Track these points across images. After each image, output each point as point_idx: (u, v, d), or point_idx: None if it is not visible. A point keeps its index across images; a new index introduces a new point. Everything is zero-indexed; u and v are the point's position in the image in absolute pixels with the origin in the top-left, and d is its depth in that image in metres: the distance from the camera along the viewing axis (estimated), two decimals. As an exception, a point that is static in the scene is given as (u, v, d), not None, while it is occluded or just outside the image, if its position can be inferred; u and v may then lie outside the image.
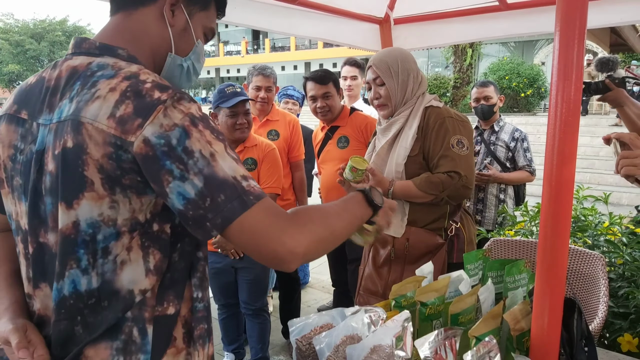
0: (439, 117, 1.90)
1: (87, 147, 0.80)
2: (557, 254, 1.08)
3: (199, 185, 0.78)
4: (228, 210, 0.79)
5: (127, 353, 0.85)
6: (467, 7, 2.85)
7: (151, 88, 0.81)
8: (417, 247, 1.91)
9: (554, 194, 1.07)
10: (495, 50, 18.49)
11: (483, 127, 3.37)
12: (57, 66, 0.92)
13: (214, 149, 0.81)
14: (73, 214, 0.82)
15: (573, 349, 1.16)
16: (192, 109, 0.82)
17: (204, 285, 0.96)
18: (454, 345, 1.09)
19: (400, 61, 1.95)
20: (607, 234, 2.43)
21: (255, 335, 2.81)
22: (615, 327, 2.04)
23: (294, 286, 3.36)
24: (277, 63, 30.84)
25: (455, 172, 1.82)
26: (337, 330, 1.05)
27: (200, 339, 0.94)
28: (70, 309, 0.85)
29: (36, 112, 0.90)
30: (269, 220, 0.81)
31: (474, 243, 2.01)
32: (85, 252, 0.83)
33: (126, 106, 0.79)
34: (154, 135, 0.78)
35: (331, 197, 2.85)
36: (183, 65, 1.01)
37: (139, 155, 0.79)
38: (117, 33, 0.95)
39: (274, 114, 3.15)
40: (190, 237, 0.91)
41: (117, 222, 0.83)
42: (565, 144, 1.05)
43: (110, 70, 0.85)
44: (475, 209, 3.27)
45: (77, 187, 0.81)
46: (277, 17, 2.71)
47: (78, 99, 0.83)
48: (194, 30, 1.00)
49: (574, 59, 1.03)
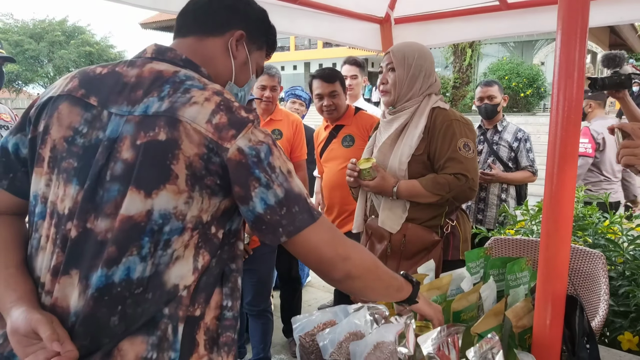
0: (447, 119, 1.92)
1: (181, 143, 0.86)
2: (559, 251, 1.09)
3: (280, 196, 0.89)
4: (300, 220, 0.91)
5: (160, 349, 0.87)
6: (467, 7, 2.86)
7: (239, 107, 0.92)
8: (413, 243, 1.92)
9: (556, 192, 1.08)
10: (495, 50, 18.48)
11: (486, 126, 3.36)
12: (136, 65, 0.97)
13: (289, 168, 0.94)
14: (149, 202, 0.86)
15: (575, 346, 1.17)
16: (268, 133, 0.94)
17: (235, 295, 1.00)
18: (457, 341, 1.09)
19: (417, 56, 1.97)
20: (607, 232, 2.44)
21: (257, 335, 2.81)
22: (616, 326, 2.05)
23: (295, 285, 3.36)
24: (276, 63, 30.46)
25: (462, 174, 1.85)
26: (341, 327, 1.06)
27: (225, 347, 0.96)
28: (114, 296, 0.86)
29: (109, 101, 0.94)
30: (330, 232, 0.95)
31: (469, 241, 2.03)
32: (150, 241, 0.87)
33: (221, 117, 0.88)
34: (246, 146, 0.88)
35: (334, 196, 2.84)
36: (238, 95, 1.13)
37: (232, 161, 0.87)
38: (194, 53, 1.03)
39: (277, 114, 3.15)
40: (229, 245, 0.98)
41: (185, 218, 0.88)
42: (567, 143, 1.06)
43: (198, 82, 0.93)
44: (477, 208, 3.27)
45: (160, 178, 0.86)
46: (278, 16, 2.70)
47: (172, 100, 0.89)
48: (250, 65, 1.12)
49: (576, 57, 1.03)
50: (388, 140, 1.99)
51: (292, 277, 3.32)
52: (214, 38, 1.06)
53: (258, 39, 1.13)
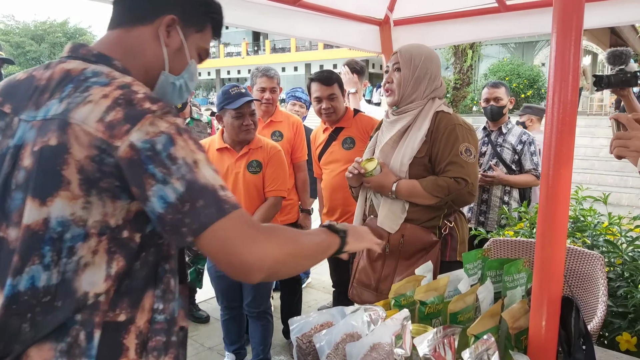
0: (450, 123, 1.94)
1: (70, 147, 0.82)
2: (555, 252, 1.10)
3: (180, 190, 0.81)
4: (205, 215, 0.82)
5: (70, 356, 0.85)
6: (466, 9, 2.87)
7: (143, 99, 0.85)
8: (411, 243, 1.93)
9: (551, 193, 1.08)
10: (496, 51, 18.50)
11: (491, 128, 3.34)
12: (50, 67, 0.94)
13: (197, 157, 0.84)
14: (45, 210, 0.84)
15: (571, 346, 1.17)
16: (177, 121, 0.86)
17: (167, 297, 0.95)
18: (453, 343, 1.10)
19: (424, 59, 1.98)
20: (606, 234, 2.44)
21: (257, 337, 2.82)
22: (614, 327, 2.05)
23: (295, 287, 3.37)
24: (277, 64, 30.83)
25: (462, 178, 1.86)
26: (337, 328, 1.07)
27: (155, 351, 0.92)
28: (22, 304, 0.85)
29: (20, 107, 0.92)
30: (242, 229, 0.85)
31: (466, 243, 2.04)
32: (51, 250, 0.85)
33: (116, 112, 0.82)
34: (139, 140, 0.81)
35: (336, 198, 2.85)
36: (175, 84, 1.05)
37: (123, 159, 0.81)
38: (114, 45, 0.98)
39: (277, 115, 3.16)
40: (156, 247, 0.93)
41: (87, 224, 0.85)
42: (562, 145, 1.06)
43: (104, 78, 0.88)
44: (479, 210, 3.26)
45: (53, 184, 0.83)
46: (278, 18, 2.72)
47: (69, 101, 0.85)
48: (188, 50, 1.05)
49: (571, 60, 1.04)
50: (390, 141, 2.00)
51: (292, 278, 3.32)
52: (142, 27, 0.99)
53: (197, 20, 1.05)
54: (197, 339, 3.55)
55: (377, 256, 2.03)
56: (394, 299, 1.39)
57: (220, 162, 2.61)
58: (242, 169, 2.58)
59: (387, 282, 1.98)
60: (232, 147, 2.62)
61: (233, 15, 2.50)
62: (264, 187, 2.63)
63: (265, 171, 2.62)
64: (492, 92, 3.27)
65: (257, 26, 2.79)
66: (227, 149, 2.62)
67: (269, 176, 2.62)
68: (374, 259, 2.05)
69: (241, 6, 2.48)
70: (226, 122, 2.56)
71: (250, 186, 2.59)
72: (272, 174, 2.62)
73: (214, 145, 2.66)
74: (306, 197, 3.21)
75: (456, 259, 1.92)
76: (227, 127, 2.58)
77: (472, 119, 15.06)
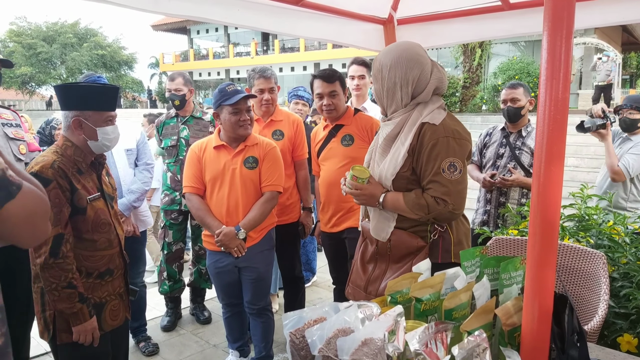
0: (433, 137, 1.83)
1: None
2: (546, 249, 1.10)
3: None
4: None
5: None
6: (470, 7, 2.87)
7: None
8: (398, 247, 1.92)
9: (542, 191, 1.09)
10: (505, 49, 18.38)
11: (510, 129, 3.32)
12: None
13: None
14: None
15: (564, 343, 1.18)
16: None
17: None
18: (445, 339, 1.11)
19: (390, 67, 1.87)
20: (611, 233, 2.43)
21: (258, 334, 2.84)
22: (616, 327, 2.05)
23: (298, 285, 3.39)
24: (286, 64, 30.86)
25: (442, 199, 1.80)
26: (330, 323, 1.08)
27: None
28: None
29: None
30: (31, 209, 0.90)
31: (464, 243, 1.97)
32: None
33: None
34: None
35: (331, 194, 2.87)
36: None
37: None
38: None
39: (277, 115, 3.18)
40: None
41: None
42: (553, 142, 1.07)
43: None
44: (497, 213, 3.24)
45: None
46: (281, 18, 2.74)
47: None
48: None
49: (562, 58, 1.04)
50: (379, 149, 1.98)
51: (295, 276, 3.35)
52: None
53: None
54: (202, 337, 3.59)
55: (370, 258, 2.04)
56: (390, 296, 1.40)
57: (217, 159, 2.66)
58: (238, 165, 2.63)
59: (376, 284, 1.99)
60: (228, 144, 2.67)
61: (237, 16, 2.52)
62: (260, 182, 2.67)
63: (261, 167, 2.67)
64: (509, 93, 3.25)
65: (260, 26, 2.81)
66: (224, 147, 2.68)
67: (265, 171, 2.67)
68: (366, 261, 2.06)
69: (244, 6, 2.51)
70: (223, 119, 2.61)
71: (247, 181, 2.63)
72: (268, 169, 2.67)
73: (211, 144, 2.71)
74: (307, 195, 3.23)
75: (450, 260, 1.89)
76: (224, 124, 2.63)
77: (481, 118, 14.97)
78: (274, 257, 2.90)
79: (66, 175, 1.98)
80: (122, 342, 2.37)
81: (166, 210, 3.62)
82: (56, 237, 1.92)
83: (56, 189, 1.93)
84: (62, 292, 1.94)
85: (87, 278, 2.06)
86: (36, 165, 1.95)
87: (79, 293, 1.98)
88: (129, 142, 3.16)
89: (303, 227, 3.23)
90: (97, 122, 2.05)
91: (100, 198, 2.12)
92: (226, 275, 2.75)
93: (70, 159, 2.04)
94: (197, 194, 2.70)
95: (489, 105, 16.46)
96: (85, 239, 2.05)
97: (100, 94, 2.07)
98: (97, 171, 2.15)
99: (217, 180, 2.65)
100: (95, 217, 2.07)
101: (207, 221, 2.65)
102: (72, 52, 35.53)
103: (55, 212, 1.91)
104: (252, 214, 2.62)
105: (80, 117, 2.03)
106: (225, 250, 2.60)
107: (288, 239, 3.20)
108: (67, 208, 1.97)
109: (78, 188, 2.01)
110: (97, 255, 2.09)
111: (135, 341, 3.39)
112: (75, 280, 1.97)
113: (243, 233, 2.58)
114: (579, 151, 10.67)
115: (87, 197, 2.04)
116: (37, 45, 34.88)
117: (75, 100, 2.04)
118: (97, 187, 2.13)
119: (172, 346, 3.45)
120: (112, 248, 2.15)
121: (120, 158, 3.09)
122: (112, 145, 2.14)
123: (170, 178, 3.61)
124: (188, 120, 3.63)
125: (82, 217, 2.02)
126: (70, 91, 2.07)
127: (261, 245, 2.72)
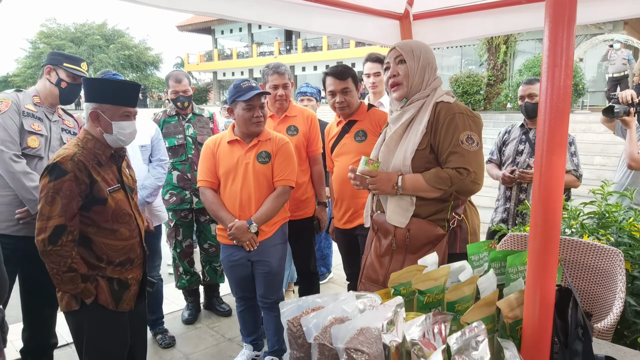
0: (449, 112, 1.92)
1: None
2: (548, 241, 1.08)
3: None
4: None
5: None
6: (486, 1, 2.82)
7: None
8: (417, 237, 1.92)
9: (544, 182, 1.07)
10: (531, 46, 18.00)
11: (529, 126, 3.28)
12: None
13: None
14: None
15: (568, 337, 1.16)
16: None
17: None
18: (444, 329, 1.10)
19: (423, 50, 2.02)
20: (631, 230, 2.37)
21: (271, 328, 2.86)
22: (637, 327, 1.99)
23: (313, 280, 3.40)
24: (309, 63, 30.91)
25: (464, 168, 1.84)
26: (326, 311, 1.08)
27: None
28: None
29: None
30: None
31: (478, 234, 2.00)
32: None
33: None
34: None
35: (344, 190, 2.87)
36: None
37: None
38: None
39: (292, 110, 3.20)
40: None
41: None
42: (555, 132, 1.05)
43: None
44: (516, 211, 3.20)
45: None
46: (297, 14, 2.75)
47: None
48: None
49: (564, 47, 1.03)
50: (395, 136, 2.01)
51: (310, 271, 3.35)
52: None
53: None
54: (218, 330, 3.63)
55: (385, 251, 2.04)
56: (394, 288, 1.40)
57: (231, 154, 2.70)
58: (252, 159, 2.67)
59: None
60: (242, 139, 2.71)
61: (251, 12, 2.54)
62: (273, 176, 2.70)
63: (274, 161, 2.69)
64: (525, 88, 3.21)
65: (277, 22, 2.81)
66: (237, 141, 2.71)
67: (278, 166, 2.69)
68: (381, 255, 2.06)
69: (259, 3, 2.52)
70: (237, 115, 2.65)
71: (259, 176, 2.66)
72: (281, 164, 2.69)
73: (225, 139, 2.75)
74: (322, 190, 3.24)
75: None
76: (238, 119, 2.66)
77: (505, 116, 14.70)
78: (286, 251, 2.91)
79: (85, 168, 2.04)
80: (140, 333, 2.42)
81: (176, 209, 3.66)
82: (57, 227, 1.97)
83: (71, 181, 1.98)
84: (64, 276, 2.00)
85: (108, 265, 2.13)
86: (58, 157, 2.02)
87: (81, 274, 2.04)
88: (144, 138, 3.21)
89: (318, 222, 3.24)
90: (114, 115, 2.10)
91: (121, 189, 2.18)
92: (239, 268, 2.78)
93: (91, 151, 2.11)
94: (212, 188, 2.74)
95: (514, 103, 16.15)
96: (106, 228, 2.11)
97: (119, 89, 2.13)
98: (117, 163, 2.21)
99: (230, 174, 2.68)
100: (117, 207, 2.13)
101: (220, 215, 2.68)
102: (99, 53, 36.32)
103: (64, 203, 1.97)
104: (264, 208, 2.64)
105: (98, 110, 2.10)
106: (238, 243, 2.63)
107: (303, 234, 3.21)
108: (78, 201, 2.02)
109: (98, 180, 2.07)
110: (119, 245, 2.15)
111: (153, 333, 3.46)
112: (75, 264, 2.02)
113: (255, 227, 2.60)
114: (606, 149, 10.39)
115: (107, 188, 2.10)
116: (65, 46, 35.74)
117: (96, 92, 2.11)
118: (117, 178, 2.18)
119: (188, 339, 3.51)
120: (133, 238, 2.21)
121: (135, 154, 3.14)
122: (127, 141, 2.18)
123: (178, 177, 3.61)
124: (190, 118, 3.67)
125: (102, 208, 2.08)
126: (93, 84, 2.15)
127: (273, 240, 2.74)
